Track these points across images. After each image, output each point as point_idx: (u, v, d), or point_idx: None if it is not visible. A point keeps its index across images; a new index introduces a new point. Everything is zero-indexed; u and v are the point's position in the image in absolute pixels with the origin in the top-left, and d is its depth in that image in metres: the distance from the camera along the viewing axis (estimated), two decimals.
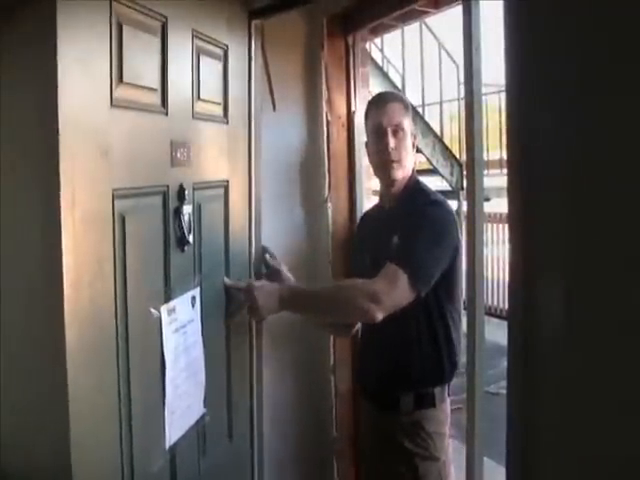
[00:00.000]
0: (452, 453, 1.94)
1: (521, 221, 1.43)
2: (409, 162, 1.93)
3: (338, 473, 2.55)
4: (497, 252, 7.20)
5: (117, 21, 1.29)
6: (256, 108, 2.02)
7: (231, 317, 1.83)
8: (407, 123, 1.91)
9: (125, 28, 1.31)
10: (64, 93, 1.13)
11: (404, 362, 1.85)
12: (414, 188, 1.94)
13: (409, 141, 1.93)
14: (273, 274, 1.96)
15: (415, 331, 1.86)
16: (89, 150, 1.22)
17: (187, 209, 1.58)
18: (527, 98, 1.37)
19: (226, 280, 1.80)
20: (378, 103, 1.94)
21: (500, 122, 6.75)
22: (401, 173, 1.90)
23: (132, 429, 1.34)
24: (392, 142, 1.86)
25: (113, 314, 1.28)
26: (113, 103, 1.28)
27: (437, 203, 1.90)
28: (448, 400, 1.95)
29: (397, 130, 1.87)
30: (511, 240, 1.48)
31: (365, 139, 2.08)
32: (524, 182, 1.39)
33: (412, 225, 1.78)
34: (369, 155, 2.01)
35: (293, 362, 2.39)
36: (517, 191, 1.42)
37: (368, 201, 2.59)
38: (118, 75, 1.30)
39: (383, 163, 1.88)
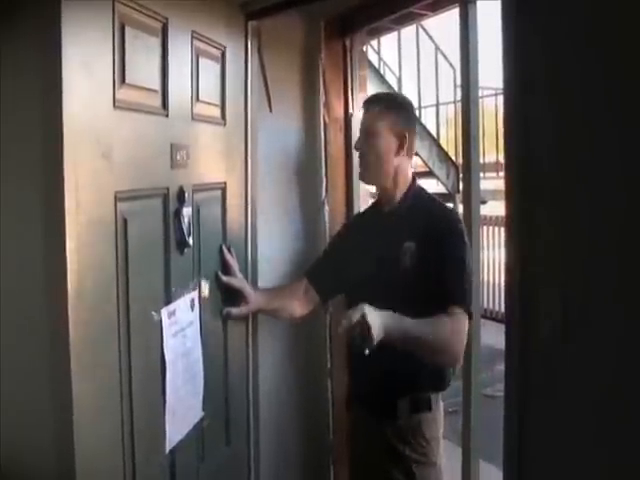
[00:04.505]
0: (446, 455, 1.92)
1: (518, 224, 1.43)
2: (389, 166, 1.91)
3: (335, 477, 2.55)
4: (493, 255, 7.22)
5: (120, 22, 1.29)
6: (253, 110, 2.02)
7: (229, 313, 1.85)
8: (383, 126, 1.89)
9: (127, 29, 1.31)
10: (68, 95, 1.13)
11: (403, 367, 1.83)
12: (416, 191, 1.96)
13: (383, 144, 1.91)
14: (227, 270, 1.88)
15: None
16: (92, 152, 1.21)
17: (187, 211, 1.57)
18: (525, 100, 1.38)
19: (221, 276, 1.81)
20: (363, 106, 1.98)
21: (497, 125, 6.77)
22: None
23: (134, 431, 1.34)
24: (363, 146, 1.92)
25: (116, 316, 1.28)
26: (116, 105, 1.28)
27: (451, 211, 2.00)
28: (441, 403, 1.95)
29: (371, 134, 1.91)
30: (508, 243, 1.49)
31: None
32: (521, 185, 1.40)
33: (447, 243, 1.80)
34: None
35: (290, 366, 2.39)
36: (514, 194, 1.43)
37: (365, 204, 2.58)
38: (121, 76, 1.29)
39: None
